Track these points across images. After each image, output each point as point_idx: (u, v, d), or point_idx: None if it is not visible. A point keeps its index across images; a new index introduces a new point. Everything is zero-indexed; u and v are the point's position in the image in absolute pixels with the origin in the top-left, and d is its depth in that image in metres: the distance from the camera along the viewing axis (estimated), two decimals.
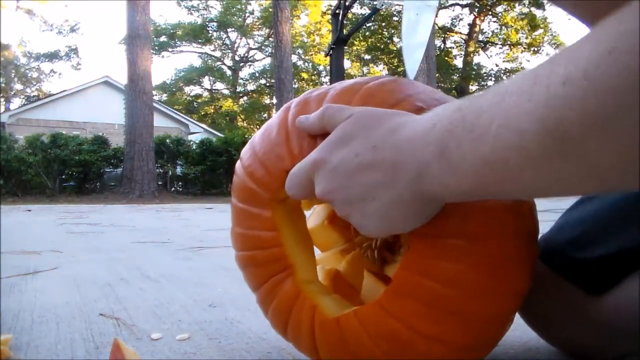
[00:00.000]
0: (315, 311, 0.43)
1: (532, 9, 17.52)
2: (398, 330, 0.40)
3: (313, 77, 22.59)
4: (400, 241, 0.52)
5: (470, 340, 0.40)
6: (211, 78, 23.89)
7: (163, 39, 22.01)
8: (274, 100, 13.40)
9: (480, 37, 20.06)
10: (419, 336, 0.39)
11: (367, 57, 20.43)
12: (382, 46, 19.27)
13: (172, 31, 22.08)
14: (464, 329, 0.39)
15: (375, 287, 0.48)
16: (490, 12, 19.02)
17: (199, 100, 23.97)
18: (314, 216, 0.57)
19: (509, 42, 19.79)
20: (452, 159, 0.31)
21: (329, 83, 9.45)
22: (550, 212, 1.14)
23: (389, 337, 0.40)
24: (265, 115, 22.98)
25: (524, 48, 19.69)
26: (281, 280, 0.45)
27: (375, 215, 0.36)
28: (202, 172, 9.99)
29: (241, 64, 23.98)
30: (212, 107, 23.66)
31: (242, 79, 24.14)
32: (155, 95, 18.21)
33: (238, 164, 0.50)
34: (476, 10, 19.02)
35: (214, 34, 23.24)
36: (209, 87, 24.23)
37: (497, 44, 20.25)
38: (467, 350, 0.41)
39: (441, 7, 17.78)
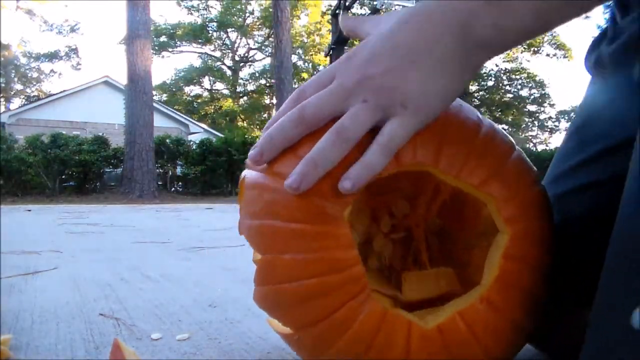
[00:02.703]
0: (411, 326, 0.39)
1: None
2: (502, 324, 0.40)
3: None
4: (410, 256, 0.52)
5: (534, 324, 0.43)
6: (211, 78, 23.88)
7: (163, 39, 21.99)
8: (274, 100, 13.40)
9: None
10: (513, 326, 0.41)
11: None
12: None
13: (172, 31, 22.07)
14: (535, 311, 0.42)
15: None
16: None
17: (199, 100, 23.96)
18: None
19: None
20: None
21: None
22: None
23: (496, 333, 0.40)
24: (266, 115, 22.97)
25: (524, 48, 19.68)
26: (362, 302, 0.39)
27: (421, 85, 0.36)
28: (202, 173, 9.98)
29: (241, 64, 23.98)
30: (212, 107, 23.66)
31: (242, 79, 24.14)
32: (155, 95, 18.20)
33: (268, 179, 0.41)
34: None
35: (214, 34, 23.24)
36: (209, 87, 24.23)
37: None
38: (528, 336, 0.44)
39: None
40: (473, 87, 20.50)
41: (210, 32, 23.04)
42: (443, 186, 0.51)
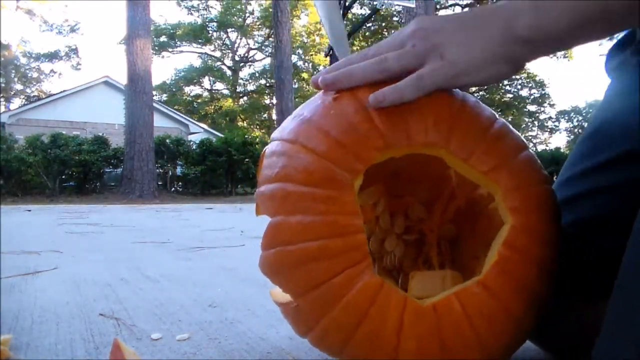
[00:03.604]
0: (406, 301, 0.39)
1: None
2: (497, 311, 0.40)
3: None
4: (421, 255, 0.52)
5: (534, 321, 0.43)
6: (211, 78, 23.88)
7: (163, 39, 22.00)
8: (274, 100, 13.40)
9: None
10: (508, 315, 0.41)
11: None
12: None
13: (172, 31, 22.07)
14: (535, 307, 0.42)
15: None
16: None
17: (199, 100, 23.96)
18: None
19: None
20: (545, 7, 0.38)
21: None
22: None
23: (490, 319, 0.40)
24: (265, 115, 22.97)
25: None
26: (361, 271, 0.39)
27: (461, 47, 0.41)
28: (202, 173, 9.98)
29: (241, 64, 23.98)
30: (212, 107, 23.65)
31: (242, 79, 24.15)
32: (155, 95, 18.20)
33: (286, 146, 0.44)
34: None
35: (214, 34, 23.24)
36: (209, 87, 24.23)
37: None
38: (526, 333, 0.44)
39: (441, 7, 17.78)
40: (473, 87, 20.46)
41: (210, 32, 23.04)
42: (459, 192, 0.51)
